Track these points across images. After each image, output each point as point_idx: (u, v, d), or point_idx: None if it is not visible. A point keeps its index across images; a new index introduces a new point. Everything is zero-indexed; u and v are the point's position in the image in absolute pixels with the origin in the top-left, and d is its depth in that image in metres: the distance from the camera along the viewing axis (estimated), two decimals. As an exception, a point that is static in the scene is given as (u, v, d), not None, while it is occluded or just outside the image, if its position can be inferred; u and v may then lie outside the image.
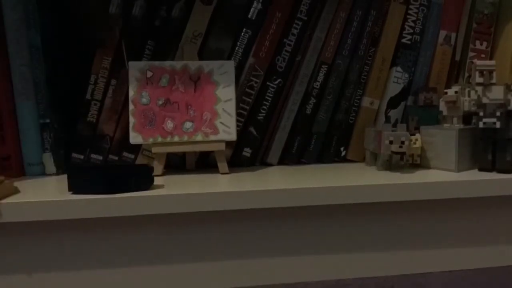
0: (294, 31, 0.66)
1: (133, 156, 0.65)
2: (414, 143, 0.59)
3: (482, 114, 0.56)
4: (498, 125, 0.54)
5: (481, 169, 0.57)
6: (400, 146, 0.55)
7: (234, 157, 0.66)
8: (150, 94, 0.58)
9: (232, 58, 0.65)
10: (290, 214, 0.50)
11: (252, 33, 0.65)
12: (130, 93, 0.58)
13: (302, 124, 0.67)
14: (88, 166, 0.59)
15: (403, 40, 0.69)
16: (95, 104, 0.64)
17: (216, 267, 0.49)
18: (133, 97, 0.58)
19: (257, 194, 0.47)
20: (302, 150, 0.68)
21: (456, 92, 0.59)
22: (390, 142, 0.55)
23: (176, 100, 0.59)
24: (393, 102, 0.69)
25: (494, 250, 0.54)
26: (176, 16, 0.64)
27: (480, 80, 0.59)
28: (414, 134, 0.60)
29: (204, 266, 0.49)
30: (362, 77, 0.69)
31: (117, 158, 0.65)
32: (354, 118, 0.69)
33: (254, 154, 0.66)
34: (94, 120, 0.64)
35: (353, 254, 0.51)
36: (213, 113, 0.59)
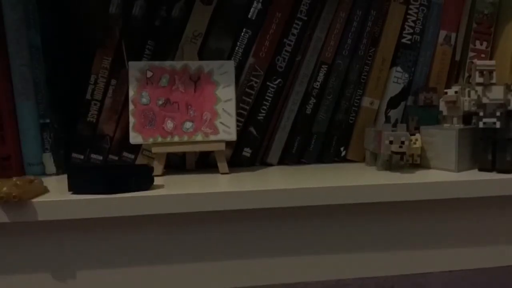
0: (294, 31, 0.66)
1: (133, 156, 0.65)
2: (414, 143, 0.59)
3: (482, 114, 0.56)
4: (498, 125, 0.54)
5: (481, 169, 0.57)
6: (400, 146, 0.55)
7: (234, 157, 0.66)
8: (150, 94, 0.58)
9: (232, 58, 0.65)
10: (290, 214, 0.50)
11: (252, 33, 0.65)
12: (130, 93, 0.58)
13: (302, 124, 0.67)
14: (88, 166, 0.59)
15: (403, 40, 0.69)
16: (95, 104, 0.64)
17: (216, 267, 0.49)
18: (133, 97, 0.58)
19: (257, 194, 0.47)
20: (302, 150, 0.68)
21: (456, 92, 0.59)
22: (390, 142, 0.55)
23: (176, 100, 0.59)
24: (393, 102, 0.69)
25: (494, 250, 0.54)
26: (176, 16, 0.64)
27: (480, 80, 0.59)
28: (414, 134, 0.60)
29: (204, 266, 0.49)
30: (362, 77, 0.69)
31: (117, 158, 0.65)
32: (354, 118, 0.69)
33: (254, 154, 0.66)
34: (94, 120, 0.64)
35: (353, 254, 0.51)
36: (213, 113, 0.59)
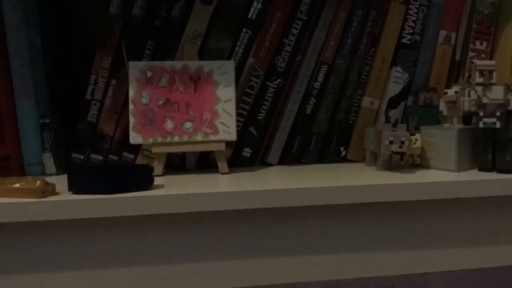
0: (294, 31, 0.66)
1: (133, 156, 0.65)
2: (414, 143, 0.59)
3: (482, 114, 0.56)
4: (498, 125, 0.54)
5: (481, 169, 0.57)
6: (400, 146, 0.55)
7: (234, 157, 0.66)
8: (150, 94, 0.58)
9: (232, 58, 0.65)
10: (290, 214, 0.50)
11: (252, 33, 0.65)
12: (130, 93, 0.58)
13: (302, 124, 0.67)
14: (88, 166, 0.59)
15: (403, 40, 0.69)
16: (95, 104, 0.64)
17: (216, 267, 0.49)
18: (133, 97, 0.58)
19: (257, 194, 0.47)
20: (302, 150, 0.68)
21: (456, 92, 0.59)
22: (390, 142, 0.55)
23: (176, 100, 0.59)
24: (393, 102, 0.69)
25: (494, 250, 0.54)
26: (176, 16, 0.64)
27: (480, 80, 0.59)
28: (414, 134, 0.60)
29: (204, 266, 0.49)
30: (362, 77, 0.69)
31: (117, 158, 0.65)
32: (354, 118, 0.69)
33: (254, 154, 0.66)
34: (94, 120, 0.64)
35: (353, 254, 0.51)
36: (213, 113, 0.59)
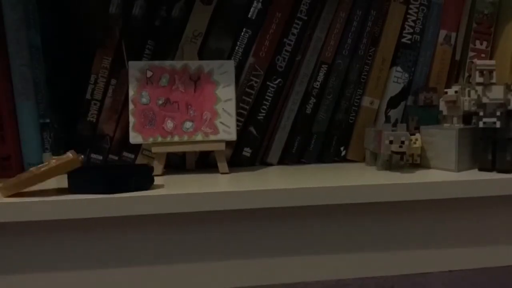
0: (294, 31, 0.66)
1: (133, 156, 0.65)
2: (414, 143, 0.59)
3: (482, 114, 0.56)
4: (498, 125, 0.54)
5: (481, 169, 0.57)
6: (400, 146, 0.55)
7: (234, 157, 0.66)
8: (150, 93, 0.58)
9: (232, 57, 0.65)
10: (290, 214, 0.50)
11: (252, 33, 0.65)
12: (130, 92, 0.58)
13: (302, 124, 0.67)
14: (88, 166, 0.59)
15: (403, 40, 0.69)
16: (95, 104, 0.64)
17: (216, 267, 0.49)
18: (133, 96, 0.58)
19: (257, 194, 0.47)
20: (302, 150, 0.68)
21: (456, 92, 0.59)
22: (390, 142, 0.55)
23: (176, 99, 0.59)
24: (393, 102, 0.69)
25: (494, 250, 0.54)
26: (176, 16, 0.64)
27: (480, 79, 0.59)
28: (414, 134, 0.60)
29: (204, 266, 0.49)
30: (362, 77, 0.69)
31: (117, 158, 0.65)
32: (354, 118, 0.69)
33: (254, 154, 0.66)
34: (94, 120, 0.64)
35: (353, 254, 0.51)
36: (213, 112, 0.59)
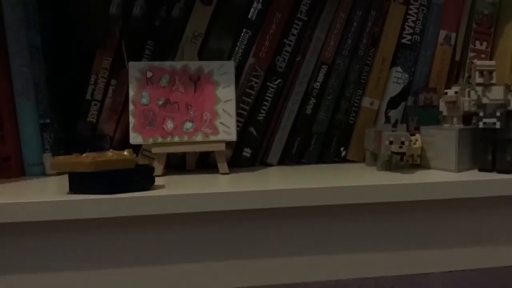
0: (294, 31, 0.66)
1: (133, 156, 0.65)
2: (414, 144, 0.59)
3: (482, 114, 0.56)
4: (498, 125, 0.54)
5: (481, 169, 0.57)
6: (400, 147, 0.55)
7: (234, 157, 0.66)
8: (150, 94, 0.58)
9: (232, 58, 0.65)
10: (290, 214, 0.50)
11: (252, 33, 0.65)
12: (130, 93, 0.58)
13: (302, 124, 0.67)
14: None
15: (403, 40, 0.69)
16: (95, 104, 0.64)
17: (216, 267, 0.49)
18: (133, 97, 0.58)
19: (257, 194, 0.47)
20: (302, 150, 0.68)
21: (456, 92, 0.59)
22: (390, 143, 0.55)
23: (176, 100, 0.59)
24: (393, 102, 0.69)
25: (494, 250, 0.54)
26: (176, 16, 0.64)
27: (480, 80, 0.59)
28: (414, 135, 0.60)
29: (204, 266, 0.49)
30: (362, 77, 0.69)
31: (117, 158, 0.65)
32: (354, 118, 0.69)
33: (254, 155, 0.66)
34: (94, 120, 0.64)
35: (353, 254, 0.51)
36: (213, 113, 0.59)
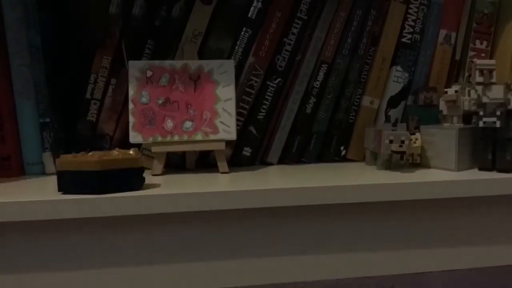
0: (294, 31, 0.66)
1: (133, 155, 0.65)
2: (414, 143, 0.59)
3: (482, 113, 0.56)
4: (498, 124, 0.54)
5: (481, 168, 0.57)
6: (400, 146, 0.55)
7: (234, 156, 0.66)
8: (150, 93, 0.58)
9: (232, 57, 0.65)
10: (290, 213, 0.50)
11: (252, 32, 0.65)
12: (130, 92, 0.58)
13: (302, 123, 0.67)
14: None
15: (403, 39, 0.69)
16: (95, 103, 0.64)
17: (216, 266, 0.49)
18: (133, 96, 0.58)
19: (257, 193, 0.47)
20: (302, 149, 0.68)
21: (456, 91, 0.59)
22: (390, 142, 0.55)
23: (176, 99, 0.59)
24: (393, 102, 0.69)
25: (494, 250, 0.54)
26: (176, 16, 0.64)
27: (480, 79, 0.59)
28: (414, 134, 0.60)
29: (204, 265, 0.49)
30: (362, 76, 0.69)
31: (117, 157, 0.65)
32: (354, 118, 0.69)
33: (254, 154, 0.66)
34: (94, 119, 0.64)
35: (353, 254, 0.51)
36: (213, 112, 0.59)
